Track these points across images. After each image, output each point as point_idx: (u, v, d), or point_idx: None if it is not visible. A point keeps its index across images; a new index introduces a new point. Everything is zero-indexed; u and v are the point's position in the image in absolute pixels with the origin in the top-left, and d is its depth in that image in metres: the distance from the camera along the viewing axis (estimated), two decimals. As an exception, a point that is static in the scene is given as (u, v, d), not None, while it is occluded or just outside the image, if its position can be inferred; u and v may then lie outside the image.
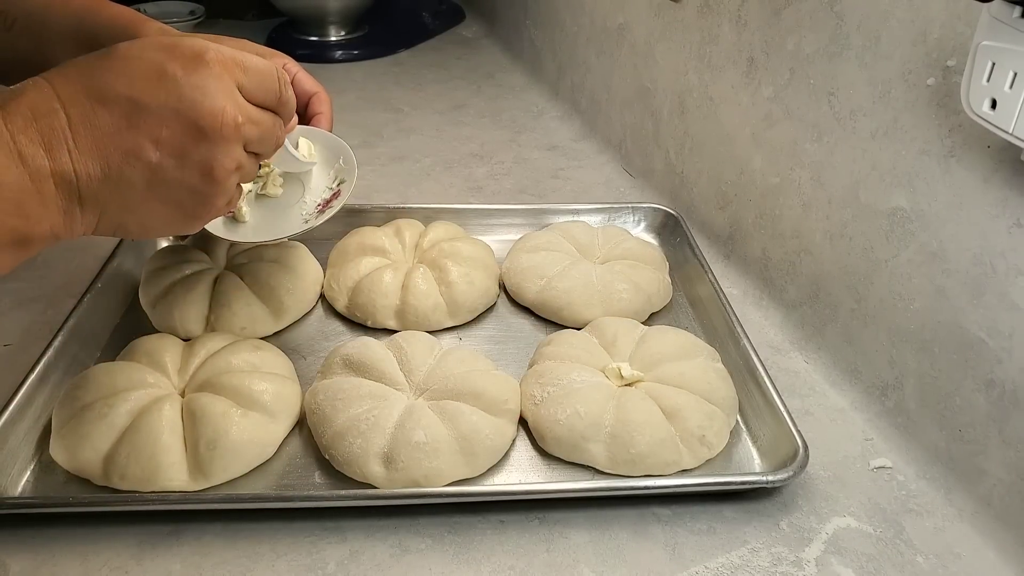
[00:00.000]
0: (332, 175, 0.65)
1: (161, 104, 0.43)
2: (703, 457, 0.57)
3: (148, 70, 0.43)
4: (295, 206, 0.64)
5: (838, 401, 0.65)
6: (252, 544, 0.51)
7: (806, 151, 0.69)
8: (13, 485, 0.54)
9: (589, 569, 0.51)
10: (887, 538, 0.53)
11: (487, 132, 1.09)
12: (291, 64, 0.65)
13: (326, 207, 0.63)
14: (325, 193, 0.64)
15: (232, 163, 0.47)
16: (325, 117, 0.66)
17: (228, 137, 0.45)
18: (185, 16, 1.43)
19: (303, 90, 0.65)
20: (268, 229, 0.63)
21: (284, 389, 0.58)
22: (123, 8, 0.65)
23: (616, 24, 0.99)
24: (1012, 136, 0.47)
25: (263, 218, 0.64)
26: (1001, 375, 0.53)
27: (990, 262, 0.53)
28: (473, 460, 0.55)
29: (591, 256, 0.76)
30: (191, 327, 0.66)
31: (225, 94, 0.45)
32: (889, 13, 0.59)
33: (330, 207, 0.63)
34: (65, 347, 0.62)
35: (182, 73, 0.44)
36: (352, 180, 0.64)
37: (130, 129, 0.43)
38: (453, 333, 0.70)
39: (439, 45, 1.43)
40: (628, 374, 0.59)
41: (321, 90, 0.65)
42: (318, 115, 0.66)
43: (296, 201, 0.64)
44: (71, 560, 0.50)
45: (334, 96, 0.68)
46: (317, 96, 0.65)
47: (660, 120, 0.91)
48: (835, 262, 0.67)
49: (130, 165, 0.43)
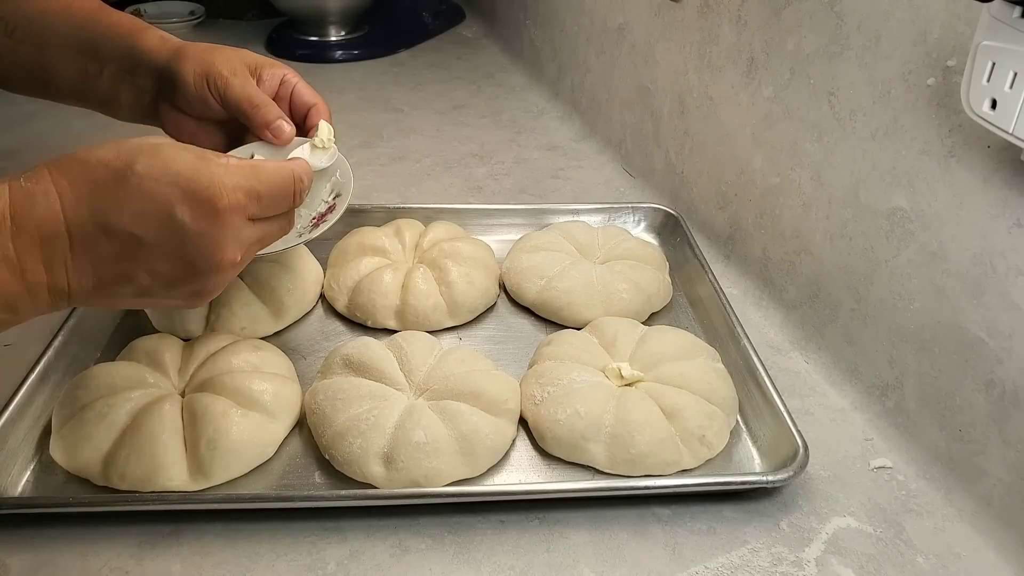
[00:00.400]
0: (329, 188, 0.63)
1: (163, 244, 0.44)
2: (703, 457, 0.57)
3: (158, 210, 0.44)
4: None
5: (838, 401, 0.65)
6: (252, 544, 0.51)
7: (806, 151, 0.69)
8: (13, 485, 0.54)
9: (589, 569, 0.51)
10: (887, 538, 0.53)
11: (487, 132, 1.09)
12: (291, 75, 0.64)
13: (321, 220, 0.62)
14: (321, 206, 0.63)
15: (223, 287, 0.49)
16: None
17: (223, 273, 0.47)
18: (185, 16, 1.43)
19: (302, 102, 0.64)
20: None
21: (284, 389, 0.58)
22: (123, 15, 0.64)
23: (616, 24, 0.99)
24: (1012, 136, 0.47)
25: None
26: (1001, 375, 0.53)
27: (990, 262, 0.53)
28: (473, 460, 0.55)
29: (591, 256, 0.76)
30: (191, 327, 0.66)
31: (231, 242, 0.46)
32: (889, 13, 0.59)
33: (325, 220, 0.62)
34: (65, 347, 0.62)
35: (191, 220, 0.44)
36: (348, 194, 0.63)
37: (128, 259, 0.44)
38: (453, 333, 0.70)
39: (439, 45, 1.43)
40: (628, 374, 0.59)
41: (320, 101, 0.65)
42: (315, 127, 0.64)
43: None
44: (71, 560, 0.50)
45: (334, 96, 0.68)
46: (315, 108, 0.64)
47: (660, 120, 0.91)
48: (835, 262, 0.67)
49: (121, 285, 0.45)
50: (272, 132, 0.60)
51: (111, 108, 0.65)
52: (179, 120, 0.63)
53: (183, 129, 0.63)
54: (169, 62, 0.61)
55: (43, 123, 1.03)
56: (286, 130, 0.61)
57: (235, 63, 0.61)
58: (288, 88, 0.64)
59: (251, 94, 0.60)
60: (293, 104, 0.64)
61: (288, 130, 0.61)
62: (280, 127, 0.60)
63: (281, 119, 0.61)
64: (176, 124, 0.63)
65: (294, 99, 0.64)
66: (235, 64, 0.61)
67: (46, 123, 1.03)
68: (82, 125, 0.77)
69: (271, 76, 0.63)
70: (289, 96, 0.64)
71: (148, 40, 0.62)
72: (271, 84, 0.63)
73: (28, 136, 1.02)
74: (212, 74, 0.60)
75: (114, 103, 0.65)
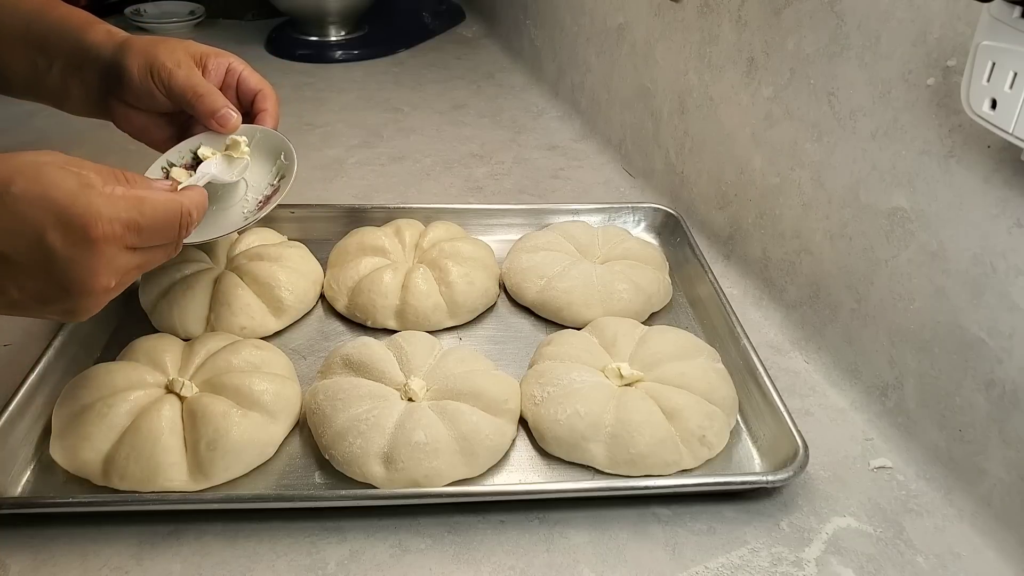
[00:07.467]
0: (274, 171, 0.65)
1: (32, 264, 0.43)
2: (703, 457, 0.57)
3: (28, 232, 0.43)
4: (236, 205, 0.64)
5: (838, 401, 0.65)
6: (252, 544, 0.51)
7: (806, 151, 0.69)
8: (13, 485, 0.54)
9: (589, 569, 0.51)
10: (887, 538, 0.53)
11: (487, 132, 1.09)
12: (236, 62, 0.65)
13: (266, 203, 0.63)
14: (267, 189, 0.65)
15: (100, 307, 0.48)
16: (269, 114, 0.66)
17: (96, 297, 0.46)
18: (185, 16, 1.43)
19: (248, 88, 0.65)
20: (210, 228, 0.63)
21: (284, 389, 0.58)
22: (73, 9, 0.64)
23: (616, 24, 0.99)
24: (1012, 136, 0.47)
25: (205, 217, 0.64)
26: (1001, 375, 0.53)
27: (990, 262, 0.53)
28: (473, 460, 0.55)
29: (591, 256, 0.76)
30: (191, 327, 0.66)
31: (104, 270, 0.45)
32: (889, 13, 0.59)
33: (270, 201, 0.63)
34: (65, 347, 0.62)
35: (61, 246, 0.43)
36: (291, 176, 0.64)
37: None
38: (453, 333, 0.70)
39: (439, 45, 1.43)
40: (628, 374, 0.59)
41: (266, 86, 0.66)
42: (262, 112, 0.66)
43: (238, 200, 0.65)
44: (71, 560, 0.50)
45: (334, 96, 0.69)
46: (261, 93, 0.66)
47: (660, 120, 0.91)
48: (835, 262, 0.67)
49: None
50: (218, 121, 0.62)
51: (63, 103, 0.66)
52: (128, 114, 0.64)
53: (133, 122, 0.65)
54: (115, 56, 0.62)
55: (43, 123, 1.03)
56: (232, 118, 0.62)
57: (179, 54, 0.62)
58: (234, 76, 0.65)
59: (195, 84, 0.61)
60: (240, 91, 0.65)
61: (234, 118, 0.62)
62: (226, 115, 0.62)
63: (227, 108, 0.62)
64: (126, 118, 0.64)
65: (240, 86, 0.65)
66: (179, 55, 0.62)
67: (46, 123, 1.02)
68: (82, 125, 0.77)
69: (216, 65, 0.64)
70: (236, 84, 0.65)
71: (95, 34, 0.63)
72: (217, 73, 0.64)
73: (28, 136, 1.02)
74: (156, 66, 0.61)
75: (65, 98, 0.65)
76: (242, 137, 0.64)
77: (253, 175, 0.65)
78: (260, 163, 0.66)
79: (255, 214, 0.62)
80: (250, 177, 0.65)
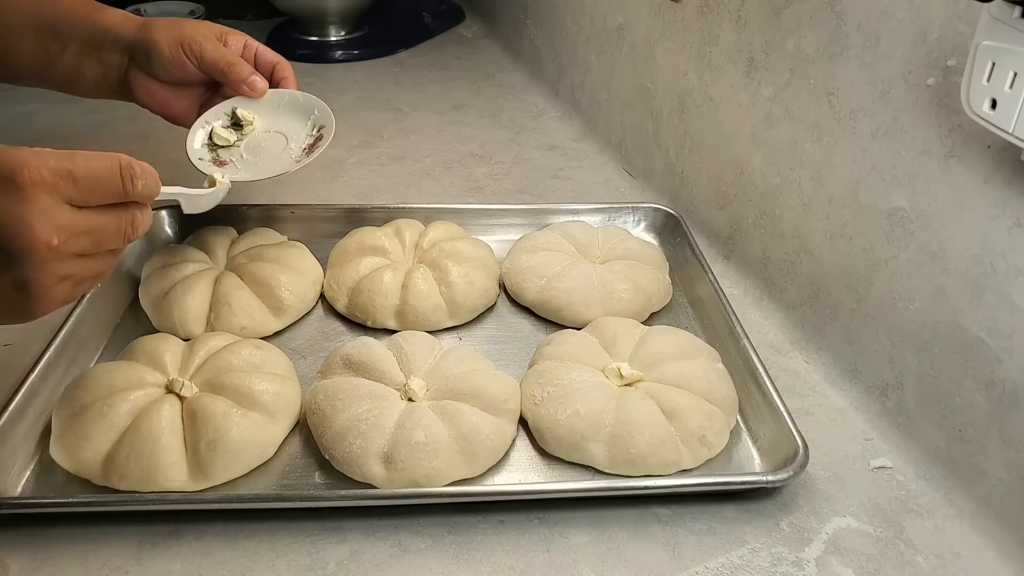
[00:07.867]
0: (310, 124, 0.72)
1: None
2: (703, 457, 0.57)
3: None
4: (282, 153, 0.71)
5: (838, 401, 0.65)
6: (252, 544, 0.51)
7: (806, 151, 0.69)
8: (13, 485, 0.54)
9: (589, 569, 0.51)
10: (887, 538, 0.53)
11: (487, 132, 1.09)
12: (251, 40, 0.73)
13: (312, 150, 0.70)
14: (308, 140, 0.72)
15: (52, 279, 0.45)
16: (290, 80, 0.74)
17: (42, 259, 0.44)
18: (185, 16, 1.43)
19: (266, 60, 0.73)
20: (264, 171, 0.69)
21: (284, 389, 0.58)
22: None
23: (616, 24, 0.99)
24: (1012, 136, 0.47)
25: (253, 164, 0.70)
26: (1001, 375, 0.53)
27: (990, 262, 0.53)
28: (473, 460, 0.55)
29: (591, 256, 0.76)
30: (191, 327, 0.66)
31: (38, 216, 0.43)
32: (889, 13, 0.59)
33: (316, 148, 0.70)
34: (65, 347, 0.62)
35: None
36: (332, 125, 0.71)
37: None
38: (453, 333, 0.70)
39: (439, 45, 1.43)
40: (628, 374, 0.59)
41: (281, 59, 0.74)
42: (284, 79, 0.74)
43: (282, 150, 0.71)
44: (71, 560, 0.50)
45: (334, 96, 0.70)
46: (280, 64, 0.74)
47: (660, 120, 0.91)
48: (835, 262, 0.67)
49: None
50: (248, 85, 0.70)
51: (73, 86, 0.71)
52: (151, 87, 0.71)
53: (155, 95, 0.71)
54: (140, 33, 0.68)
55: (44, 122, 1.03)
56: (260, 82, 0.71)
57: (204, 30, 0.70)
58: (251, 51, 0.73)
59: (225, 55, 0.69)
60: (258, 64, 0.73)
61: (261, 83, 0.71)
62: (255, 81, 0.70)
63: (254, 74, 0.70)
64: (149, 91, 0.71)
65: (258, 60, 0.73)
66: (204, 31, 0.70)
67: (47, 122, 1.02)
68: (83, 125, 0.77)
69: (235, 41, 0.72)
70: (253, 58, 0.73)
71: (111, 17, 0.69)
72: (236, 48, 0.72)
73: (28, 136, 1.01)
74: (186, 39, 0.68)
75: (77, 80, 0.70)
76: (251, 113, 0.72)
77: (290, 130, 0.73)
78: (295, 120, 0.73)
79: (305, 159, 0.69)
80: (288, 132, 0.72)
